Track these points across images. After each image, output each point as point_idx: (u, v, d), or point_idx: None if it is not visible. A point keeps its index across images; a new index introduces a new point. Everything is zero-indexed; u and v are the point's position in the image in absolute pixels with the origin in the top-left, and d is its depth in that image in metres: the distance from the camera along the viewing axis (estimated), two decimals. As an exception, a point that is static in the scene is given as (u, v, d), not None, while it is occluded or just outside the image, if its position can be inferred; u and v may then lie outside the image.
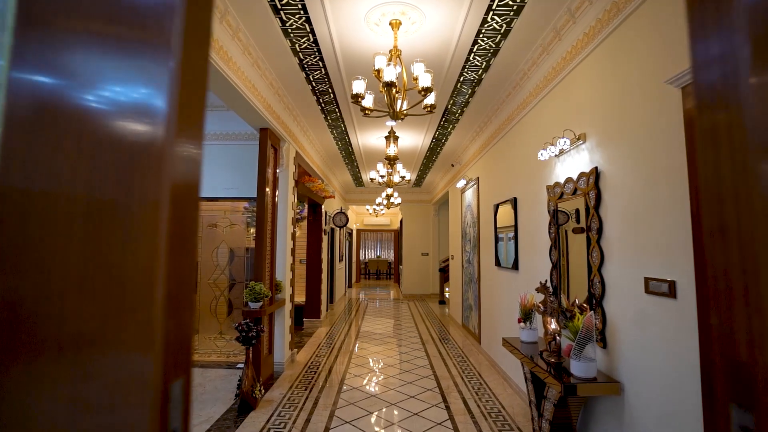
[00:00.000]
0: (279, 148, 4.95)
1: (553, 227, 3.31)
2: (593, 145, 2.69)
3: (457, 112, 5.28)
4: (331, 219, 9.45)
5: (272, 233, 4.77)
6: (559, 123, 3.24)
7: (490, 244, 5.39)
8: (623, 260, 2.32)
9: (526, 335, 3.34)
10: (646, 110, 2.12)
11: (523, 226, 4.18)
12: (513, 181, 4.50)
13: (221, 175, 5.39)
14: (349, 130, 6.22)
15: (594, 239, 2.62)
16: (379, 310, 10.03)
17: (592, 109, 2.72)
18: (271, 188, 4.71)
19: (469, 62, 3.87)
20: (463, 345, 6.41)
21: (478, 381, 4.65)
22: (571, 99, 3.06)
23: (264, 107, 4.13)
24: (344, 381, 4.65)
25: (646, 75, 2.10)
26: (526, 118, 4.05)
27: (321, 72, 4.15)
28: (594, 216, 2.62)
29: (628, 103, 2.30)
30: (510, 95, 4.36)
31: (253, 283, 4.22)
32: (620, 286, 2.36)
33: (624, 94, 2.34)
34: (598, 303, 2.59)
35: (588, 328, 2.37)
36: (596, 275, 2.60)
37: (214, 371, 4.92)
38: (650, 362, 2.07)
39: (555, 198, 3.25)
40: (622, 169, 2.35)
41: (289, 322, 5.25)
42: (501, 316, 4.88)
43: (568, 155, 3.06)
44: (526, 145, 4.08)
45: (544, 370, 2.70)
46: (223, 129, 5.44)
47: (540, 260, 3.67)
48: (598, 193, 2.59)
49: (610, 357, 2.45)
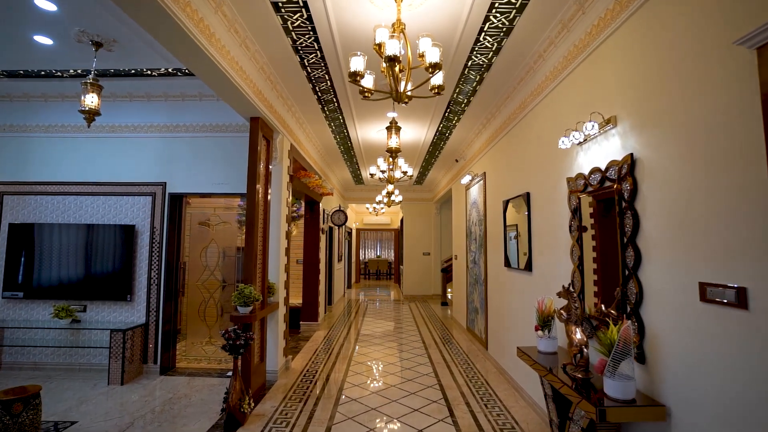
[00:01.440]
0: (272, 140, 4.59)
1: (575, 224, 2.96)
2: (626, 129, 2.34)
3: (463, 101, 4.93)
4: (329, 217, 9.10)
5: (264, 232, 4.42)
6: (582, 107, 2.88)
7: (499, 244, 5.04)
8: (668, 262, 1.97)
9: (545, 345, 2.99)
10: (702, 82, 1.77)
11: (537, 223, 3.83)
12: (525, 175, 4.15)
13: (211, 169, 5.04)
14: (347, 123, 5.86)
15: (628, 237, 2.27)
16: (379, 312, 9.68)
17: (625, 88, 2.36)
18: (263, 183, 4.36)
19: (478, 43, 3.51)
20: (468, 350, 6.07)
21: (487, 391, 4.30)
22: (597, 79, 2.71)
23: (254, 93, 3.78)
24: (342, 391, 4.30)
25: (706, 37, 1.75)
26: (542, 104, 3.69)
27: (316, 56, 3.79)
28: (628, 210, 2.27)
29: (675, 76, 1.94)
30: (522, 81, 4.01)
31: (242, 285, 3.87)
32: (663, 292, 2.01)
33: (670, 66, 1.98)
34: (633, 311, 2.24)
35: (626, 341, 2.02)
36: (632, 279, 2.25)
37: (201, 380, 4.57)
38: (708, 384, 1.72)
39: (578, 191, 2.90)
40: (666, 155, 2.00)
41: (283, 327, 4.90)
42: (512, 321, 4.53)
43: (593, 142, 2.71)
44: (541, 134, 3.73)
45: (569, 386, 2.35)
46: (214, 120, 5.09)
47: (558, 261, 3.32)
48: (634, 183, 2.24)
49: (651, 375, 2.10)
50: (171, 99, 5.01)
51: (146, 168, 5.06)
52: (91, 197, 5.00)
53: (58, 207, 4.98)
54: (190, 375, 4.76)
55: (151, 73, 4.50)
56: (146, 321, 4.84)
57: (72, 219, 4.96)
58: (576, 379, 2.39)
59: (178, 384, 4.45)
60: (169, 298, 4.91)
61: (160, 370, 4.78)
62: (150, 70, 4.44)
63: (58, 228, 4.82)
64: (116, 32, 3.53)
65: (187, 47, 2.75)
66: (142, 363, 4.76)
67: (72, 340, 4.79)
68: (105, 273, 4.80)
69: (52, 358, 4.80)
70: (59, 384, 4.35)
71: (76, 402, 3.85)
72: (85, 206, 4.99)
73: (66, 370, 4.77)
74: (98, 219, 4.97)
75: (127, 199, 5.00)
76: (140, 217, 4.97)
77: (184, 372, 4.87)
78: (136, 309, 4.86)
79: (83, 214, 4.98)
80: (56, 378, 4.55)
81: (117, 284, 4.79)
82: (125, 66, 4.30)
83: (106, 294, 4.78)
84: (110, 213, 4.98)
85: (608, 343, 2.12)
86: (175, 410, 3.72)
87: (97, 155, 5.08)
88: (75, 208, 4.98)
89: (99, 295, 4.78)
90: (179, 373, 4.83)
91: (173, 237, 4.98)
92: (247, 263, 4.05)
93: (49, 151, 5.10)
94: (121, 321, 4.82)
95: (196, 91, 4.91)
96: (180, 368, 5.00)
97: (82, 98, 3.58)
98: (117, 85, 4.78)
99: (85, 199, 4.99)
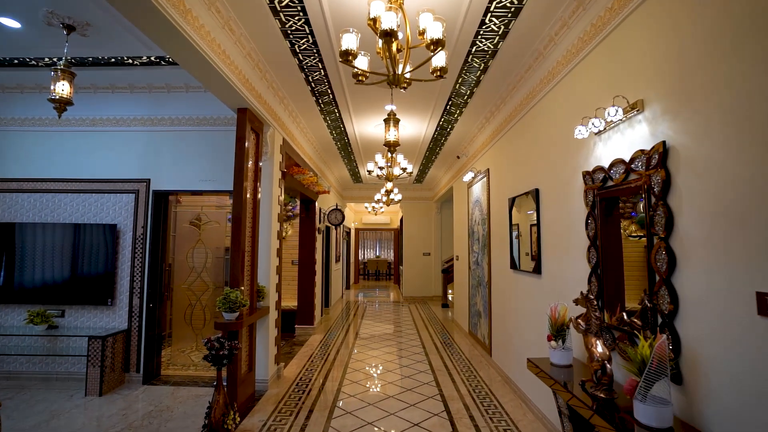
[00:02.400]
0: (261, 133, 4.30)
1: (592, 223, 2.67)
2: (656, 114, 2.05)
3: (466, 93, 4.63)
4: (325, 216, 8.80)
5: (253, 231, 4.12)
6: (602, 92, 2.59)
7: (504, 244, 4.74)
8: (712, 267, 1.68)
9: (559, 357, 2.70)
10: (759, 54, 1.48)
11: (547, 222, 3.53)
12: (534, 170, 3.85)
13: (198, 165, 4.74)
14: (344, 117, 5.57)
15: (659, 237, 1.98)
16: (378, 314, 9.38)
17: (655, 67, 2.07)
18: (252, 179, 4.06)
19: (484, 26, 3.22)
20: (471, 355, 5.77)
21: (492, 402, 4.01)
22: (619, 60, 2.41)
23: (240, 81, 3.48)
24: (337, 402, 4.01)
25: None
26: (553, 93, 3.40)
27: (308, 41, 3.50)
28: (660, 207, 1.97)
29: (720, 50, 1.65)
30: (530, 69, 3.72)
31: (228, 289, 3.58)
32: (706, 302, 1.72)
33: (714, 38, 1.69)
34: (666, 323, 1.94)
35: (660, 360, 1.72)
36: (663, 286, 1.95)
37: (187, 390, 4.28)
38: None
39: (596, 186, 2.60)
40: (708, 142, 1.71)
41: (274, 333, 4.60)
42: (519, 327, 4.23)
43: (615, 131, 2.41)
44: (552, 125, 3.43)
45: (589, 407, 2.06)
46: (201, 112, 4.79)
47: (571, 263, 3.02)
48: (667, 175, 1.95)
49: (689, 398, 1.81)
50: (155, 90, 4.71)
51: (129, 164, 4.76)
52: (71, 195, 4.70)
53: (35, 205, 4.68)
54: (175, 384, 4.46)
55: (133, 62, 4.19)
56: (129, 326, 4.54)
57: (50, 218, 4.66)
58: (597, 399, 2.10)
59: (162, 394, 4.16)
60: (154, 302, 4.62)
61: (143, 379, 4.49)
62: (131, 59, 4.14)
63: (33, 228, 4.52)
64: (89, 14, 3.23)
65: (160, 25, 2.46)
66: (124, 372, 4.46)
67: (49, 348, 4.49)
68: (85, 275, 4.50)
69: (27, 366, 4.50)
70: (33, 395, 4.05)
71: (46, 416, 3.56)
72: (64, 204, 4.69)
73: (43, 380, 4.47)
74: (78, 218, 4.67)
75: (109, 196, 4.70)
76: (123, 216, 4.67)
77: (170, 381, 4.57)
78: (118, 314, 4.56)
79: (62, 212, 4.68)
80: (31, 388, 4.25)
81: (97, 287, 4.49)
82: (104, 53, 4.00)
83: (86, 298, 4.49)
84: (91, 212, 4.68)
85: (638, 361, 1.82)
86: (154, 425, 3.42)
87: (76, 150, 4.78)
88: (53, 206, 4.68)
89: (78, 299, 4.48)
90: (164, 382, 4.53)
91: (158, 237, 4.69)
92: (233, 265, 3.75)
93: (25, 145, 4.80)
94: (101, 327, 4.52)
95: (182, 82, 4.61)
96: (165, 376, 4.71)
97: (52, 86, 3.29)
98: (97, 75, 4.48)
99: (64, 196, 4.70)
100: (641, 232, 2.35)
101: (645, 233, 2.18)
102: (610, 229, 2.55)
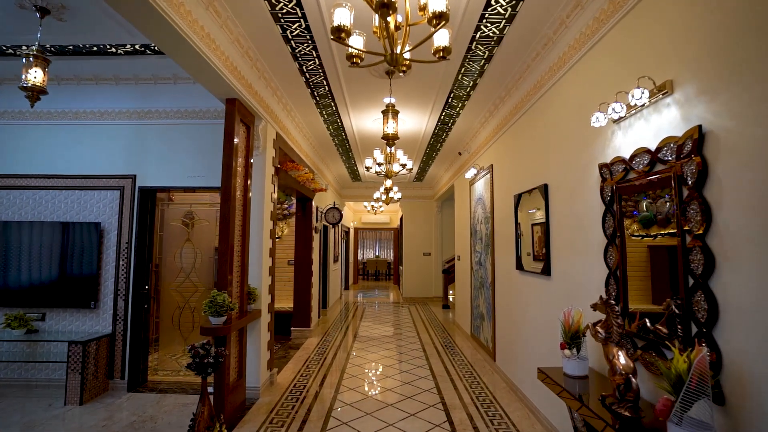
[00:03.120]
0: (253, 126, 4.06)
1: (610, 219, 2.43)
2: (689, 95, 1.81)
3: (469, 84, 4.39)
4: (322, 215, 8.56)
5: (243, 230, 3.88)
6: (621, 76, 2.35)
7: (509, 243, 4.50)
8: (763, 269, 1.44)
9: (573, 367, 2.46)
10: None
11: (557, 219, 3.29)
12: (542, 164, 3.61)
13: (187, 160, 4.50)
14: (341, 111, 5.32)
15: (694, 235, 1.74)
16: (377, 316, 9.14)
17: (689, 43, 1.83)
18: (243, 175, 3.83)
19: (489, 8, 2.98)
20: (473, 360, 5.53)
21: (497, 412, 3.77)
22: (642, 38, 2.17)
23: (227, 69, 3.24)
24: (332, 411, 3.77)
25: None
26: (564, 80, 3.16)
27: (300, 26, 3.25)
28: (695, 200, 1.73)
29: (773, 13, 1.41)
30: (538, 56, 3.47)
31: (215, 292, 3.34)
32: (754, 309, 1.48)
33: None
34: (702, 332, 1.71)
35: (701, 377, 1.48)
36: (699, 290, 1.71)
37: (174, 398, 4.04)
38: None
39: (614, 179, 2.36)
40: (753, 125, 1.47)
41: (267, 337, 4.36)
42: (525, 332, 3.99)
43: (637, 117, 2.17)
44: (563, 115, 3.19)
45: (611, 426, 1.82)
46: (190, 105, 4.54)
47: (585, 264, 2.78)
48: (703, 164, 1.71)
49: (734, 420, 1.57)
50: (142, 82, 4.48)
51: (114, 159, 4.52)
52: (53, 192, 4.46)
53: (14, 203, 4.44)
54: (162, 392, 4.22)
55: (117, 50, 3.96)
56: (113, 330, 4.30)
57: (30, 216, 4.42)
58: (621, 418, 1.86)
59: (146, 403, 3.92)
60: (140, 305, 4.38)
61: (128, 386, 4.25)
62: (115, 47, 3.91)
63: (11, 226, 4.28)
64: (63, -5, 3.00)
65: (135, 3, 2.22)
66: (108, 378, 4.22)
67: (29, 353, 4.25)
68: (67, 277, 4.26)
69: (5, 373, 4.26)
70: (10, 404, 3.81)
71: (20, 428, 3.32)
72: (45, 202, 4.45)
73: (23, 387, 4.23)
74: (60, 216, 4.43)
75: (93, 193, 4.46)
76: (107, 214, 4.43)
77: (156, 388, 4.33)
78: (102, 317, 4.32)
79: (43, 210, 4.44)
80: (10, 396, 4.01)
81: (80, 289, 4.25)
82: (86, 41, 3.76)
83: (68, 300, 4.24)
84: (74, 209, 4.44)
85: (673, 377, 1.58)
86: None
87: (58, 145, 4.54)
88: (33, 204, 4.44)
89: (60, 302, 4.24)
90: (150, 389, 4.29)
91: (145, 236, 4.45)
92: (221, 266, 3.51)
93: (2, 140, 4.55)
94: (84, 331, 4.28)
95: (170, 72, 4.38)
96: (152, 383, 4.47)
97: (24, 73, 3.05)
98: (80, 66, 4.24)
99: (46, 193, 4.45)
100: (643, 231, 2.17)
101: (657, 232, 1.96)
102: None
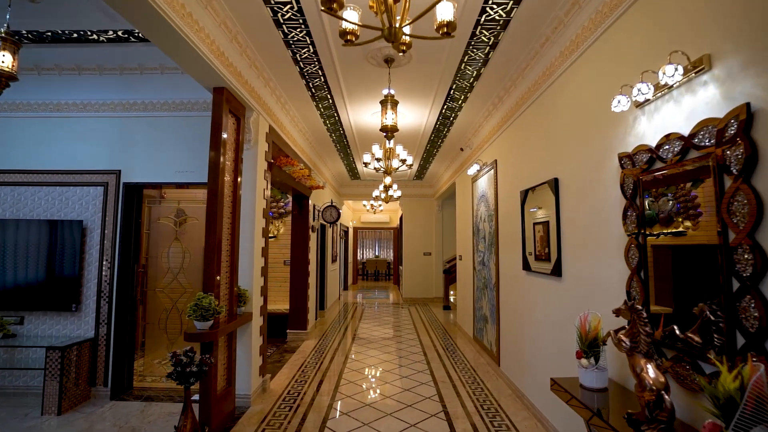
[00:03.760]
0: (243, 118, 3.82)
1: (632, 214, 2.19)
2: (733, 70, 1.57)
3: (472, 75, 4.16)
4: (320, 214, 8.32)
5: (233, 228, 3.65)
6: (645, 54, 2.12)
7: (515, 242, 4.26)
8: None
9: (591, 378, 2.22)
10: None
11: (569, 215, 3.06)
12: (552, 157, 3.38)
13: (174, 154, 4.26)
14: (338, 104, 5.09)
15: (740, 231, 1.50)
16: (376, 317, 8.90)
17: (731, 11, 1.59)
18: (232, 169, 3.59)
19: (497, -14, 2.74)
20: (476, 364, 5.30)
21: (503, 421, 3.53)
22: (671, 9, 1.94)
23: (213, 54, 3.00)
24: (328, 421, 3.53)
25: None
26: (577, 65, 2.92)
27: (292, 8, 3.02)
28: (741, 191, 1.50)
29: None
30: (548, 41, 3.24)
31: (201, 294, 3.10)
32: (821, 318, 1.24)
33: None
34: (753, 344, 1.47)
35: (760, 399, 1.25)
36: (747, 295, 1.48)
37: (159, 407, 3.80)
38: None
39: (637, 170, 2.13)
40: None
41: (259, 341, 4.13)
42: (533, 336, 3.76)
43: (665, 100, 1.94)
44: (575, 103, 2.96)
45: (641, 448, 1.59)
46: (178, 96, 4.31)
47: (602, 263, 2.55)
48: (752, 148, 1.47)
49: (794, 449, 1.33)
50: (127, 72, 4.24)
51: (97, 153, 4.28)
52: (32, 188, 4.22)
53: (-9, 199, 4.20)
54: (148, 399, 3.98)
55: (99, 37, 3.72)
56: (96, 335, 4.06)
57: (8, 214, 4.18)
58: (653, 440, 1.62)
59: (130, 412, 3.68)
60: (125, 308, 4.14)
61: (112, 394, 4.01)
62: (96, 33, 3.67)
63: (-11, 224, 4.04)
64: (33, -28, 2.76)
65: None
66: (90, 386, 3.98)
67: (5, 359, 4.01)
68: (47, 278, 4.02)
69: (-20, 380, 4.03)
70: (-17, 414, 3.58)
71: (-10, 442, 3.09)
72: (24, 199, 4.20)
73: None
74: (40, 214, 4.19)
75: (75, 190, 4.22)
76: (90, 212, 4.19)
77: (142, 395, 4.09)
78: (84, 321, 4.08)
79: (21, 208, 4.20)
80: (-15, 404, 3.77)
81: (61, 291, 4.01)
82: (65, 27, 3.52)
83: (48, 303, 4.01)
84: (54, 207, 4.20)
85: (721, 397, 1.35)
86: None
87: (38, 138, 4.30)
88: (12, 201, 4.20)
89: (39, 305, 4.00)
90: (135, 397, 4.05)
91: (130, 235, 4.21)
92: (207, 267, 3.27)
93: (-19, 133, 4.32)
94: (65, 335, 4.04)
95: (156, 62, 4.13)
96: (138, 389, 4.23)
97: (-9, 57, 2.80)
98: (61, 54, 4.00)
99: (24, 190, 4.21)
100: (664, 229, 1.95)
101: (681, 229, 1.72)
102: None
